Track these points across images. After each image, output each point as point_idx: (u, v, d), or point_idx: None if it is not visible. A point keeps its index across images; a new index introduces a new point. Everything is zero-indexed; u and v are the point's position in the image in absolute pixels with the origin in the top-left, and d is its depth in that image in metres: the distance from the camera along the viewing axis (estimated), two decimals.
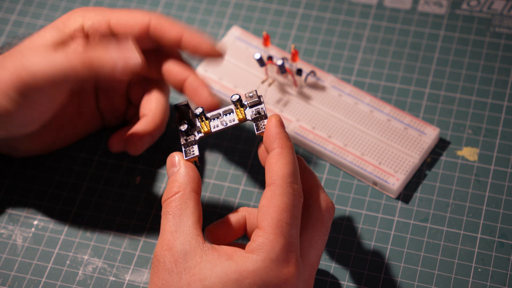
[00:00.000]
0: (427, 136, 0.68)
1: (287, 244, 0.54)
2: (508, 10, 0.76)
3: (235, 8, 0.79)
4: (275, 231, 0.54)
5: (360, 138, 0.68)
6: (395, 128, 0.69)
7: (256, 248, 0.54)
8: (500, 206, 0.66)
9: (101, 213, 0.68)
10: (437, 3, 0.77)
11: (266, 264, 0.53)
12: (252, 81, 0.72)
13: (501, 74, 0.72)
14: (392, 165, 0.67)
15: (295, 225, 0.55)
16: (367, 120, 0.69)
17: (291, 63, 0.71)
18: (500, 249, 0.64)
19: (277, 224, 0.54)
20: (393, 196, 0.67)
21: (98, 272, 0.66)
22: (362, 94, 0.70)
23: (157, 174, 0.70)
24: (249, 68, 0.73)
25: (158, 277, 0.54)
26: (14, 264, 0.66)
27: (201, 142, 0.71)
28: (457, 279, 0.63)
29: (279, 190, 0.55)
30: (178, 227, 0.55)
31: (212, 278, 0.53)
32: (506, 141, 0.69)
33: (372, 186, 0.67)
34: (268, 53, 0.72)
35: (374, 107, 0.70)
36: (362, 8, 0.77)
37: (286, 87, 0.71)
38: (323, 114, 0.70)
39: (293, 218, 0.54)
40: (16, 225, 0.68)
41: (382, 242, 0.65)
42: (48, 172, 0.71)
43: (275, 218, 0.54)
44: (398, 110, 0.69)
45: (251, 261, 0.53)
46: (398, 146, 0.68)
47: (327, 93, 0.71)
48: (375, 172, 0.67)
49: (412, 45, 0.75)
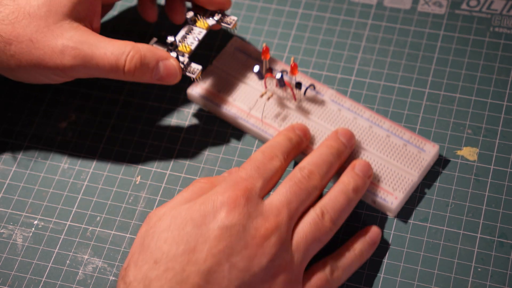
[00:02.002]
0: (426, 153, 0.67)
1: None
2: (508, 10, 0.76)
3: (235, 8, 0.79)
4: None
5: (359, 154, 0.67)
6: (394, 145, 0.68)
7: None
8: (499, 206, 0.66)
9: (101, 212, 0.68)
10: (437, 3, 0.77)
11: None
12: (251, 94, 0.71)
13: (501, 74, 0.72)
14: (391, 183, 0.66)
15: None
16: (366, 135, 0.68)
17: (290, 76, 0.70)
18: (500, 248, 0.64)
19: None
20: (391, 215, 0.66)
21: (98, 272, 0.66)
22: (361, 108, 0.69)
23: (157, 174, 0.70)
24: (248, 81, 0.72)
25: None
26: (14, 263, 0.66)
27: (202, 142, 0.71)
28: (457, 279, 0.63)
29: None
30: None
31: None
32: (505, 141, 0.69)
33: (371, 204, 0.67)
34: (268, 65, 0.71)
35: (373, 122, 0.69)
36: (362, 8, 0.77)
37: (285, 100, 0.71)
38: (321, 129, 0.69)
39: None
40: (16, 225, 0.68)
41: (382, 242, 0.65)
42: (48, 172, 0.71)
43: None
44: (397, 126, 0.68)
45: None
46: (397, 164, 0.67)
47: (326, 107, 0.70)
48: (373, 190, 0.66)
49: (412, 45, 0.75)
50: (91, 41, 0.66)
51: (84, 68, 0.66)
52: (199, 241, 0.58)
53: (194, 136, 0.72)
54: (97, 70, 0.66)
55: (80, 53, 0.65)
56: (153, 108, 0.73)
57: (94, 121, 0.73)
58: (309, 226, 0.61)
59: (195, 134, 0.72)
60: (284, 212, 0.60)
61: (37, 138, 0.73)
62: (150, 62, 0.67)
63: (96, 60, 0.66)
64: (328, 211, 0.62)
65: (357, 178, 0.64)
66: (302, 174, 0.62)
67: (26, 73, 0.67)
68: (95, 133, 0.72)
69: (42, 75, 0.67)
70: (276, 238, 0.59)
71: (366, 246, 0.64)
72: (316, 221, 0.61)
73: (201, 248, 0.57)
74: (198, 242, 0.58)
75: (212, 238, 0.58)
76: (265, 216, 0.60)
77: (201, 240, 0.58)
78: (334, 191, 0.63)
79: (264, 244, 0.59)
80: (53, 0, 0.66)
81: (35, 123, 0.73)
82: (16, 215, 0.69)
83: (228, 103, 0.71)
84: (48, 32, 0.66)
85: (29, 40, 0.65)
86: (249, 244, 0.58)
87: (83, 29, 0.66)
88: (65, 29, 0.66)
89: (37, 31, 0.65)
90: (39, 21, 0.66)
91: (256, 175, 0.61)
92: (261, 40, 0.76)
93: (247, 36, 0.77)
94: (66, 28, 0.66)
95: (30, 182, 0.70)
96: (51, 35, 0.66)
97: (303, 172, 0.63)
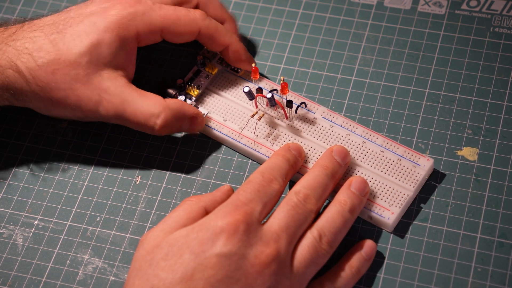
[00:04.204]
0: (421, 167, 0.66)
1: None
2: (508, 10, 0.76)
3: (235, 8, 0.79)
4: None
5: (353, 171, 0.67)
6: (388, 160, 0.67)
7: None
8: (500, 206, 0.66)
9: (102, 212, 0.68)
10: (437, 3, 0.77)
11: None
12: (242, 114, 0.71)
13: (501, 74, 0.72)
14: (387, 198, 0.66)
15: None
16: (360, 151, 0.68)
17: (281, 95, 0.69)
18: (500, 249, 0.64)
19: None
20: (388, 230, 0.66)
21: (98, 272, 0.66)
22: (354, 124, 0.69)
23: (157, 174, 0.70)
24: (238, 101, 0.72)
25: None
26: (14, 264, 0.66)
27: (202, 143, 0.71)
28: (457, 279, 0.63)
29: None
30: None
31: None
32: (505, 141, 0.69)
33: (367, 220, 0.66)
34: (257, 85, 0.71)
35: (366, 138, 0.68)
36: (362, 8, 0.77)
37: (276, 119, 0.70)
38: (315, 147, 0.68)
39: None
40: (16, 225, 0.68)
41: (382, 242, 0.65)
42: (48, 172, 0.71)
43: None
44: (390, 141, 0.68)
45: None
46: (392, 179, 0.66)
47: (318, 124, 0.69)
48: (369, 206, 0.65)
49: (412, 45, 0.75)
50: (126, 95, 0.67)
51: (115, 119, 0.68)
52: (197, 269, 0.57)
53: (194, 136, 0.72)
54: (127, 124, 0.68)
55: (113, 107, 0.67)
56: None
57: (94, 121, 0.73)
58: (308, 250, 0.60)
59: (195, 135, 0.72)
60: (283, 237, 0.59)
61: (37, 138, 0.73)
62: (178, 122, 0.68)
63: (127, 116, 0.67)
64: (325, 234, 0.61)
65: (353, 197, 0.64)
66: (298, 198, 0.62)
67: (59, 113, 0.69)
68: (95, 133, 0.72)
69: (75, 116, 0.69)
70: (276, 265, 0.58)
71: (363, 262, 0.63)
72: (314, 245, 0.61)
73: (199, 277, 0.56)
74: (196, 270, 0.57)
75: (210, 266, 0.57)
76: (265, 242, 0.58)
77: (199, 269, 0.57)
78: (330, 212, 0.63)
79: (264, 272, 0.58)
80: (94, 49, 0.67)
81: (35, 123, 0.73)
82: (16, 215, 0.69)
83: (219, 123, 0.71)
84: (88, 82, 0.67)
85: (69, 87, 0.66)
86: (248, 273, 0.57)
87: (120, 81, 0.67)
88: (103, 79, 0.67)
89: (77, 79, 0.66)
90: (79, 70, 0.66)
91: (256, 199, 0.60)
92: (261, 40, 0.76)
93: (247, 36, 0.77)
94: (105, 78, 0.67)
95: (30, 182, 0.70)
96: (90, 85, 0.67)
97: (299, 196, 0.62)
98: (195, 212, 0.61)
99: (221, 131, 0.70)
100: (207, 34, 0.70)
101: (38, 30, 0.68)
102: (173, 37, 0.70)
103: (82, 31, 0.67)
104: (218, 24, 0.71)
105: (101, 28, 0.67)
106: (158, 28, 0.68)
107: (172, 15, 0.69)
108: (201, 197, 0.63)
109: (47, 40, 0.67)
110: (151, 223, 0.67)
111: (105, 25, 0.67)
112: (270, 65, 0.75)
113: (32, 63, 0.67)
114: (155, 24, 0.68)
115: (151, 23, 0.68)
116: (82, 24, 0.68)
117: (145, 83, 0.73)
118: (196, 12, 0.70)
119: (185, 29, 0.69)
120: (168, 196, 0.69)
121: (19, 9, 0.80)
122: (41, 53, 0.67)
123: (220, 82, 0.73)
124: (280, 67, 0.75)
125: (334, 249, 0.62)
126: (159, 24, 0.68)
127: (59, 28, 0.68)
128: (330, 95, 0.73)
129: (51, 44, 0.67)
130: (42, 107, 0.69)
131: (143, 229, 0.67)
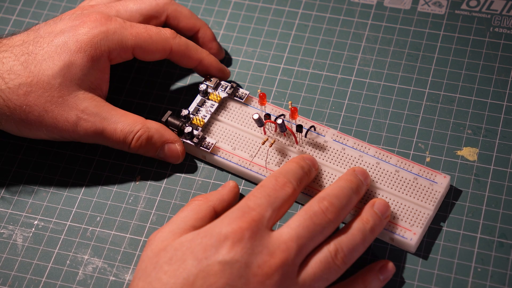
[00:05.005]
0: (438, 185, 0.65)
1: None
2: (508, 10, 0.76)
3: (235, 8, 0.79)
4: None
5: (370, 193, 0.66)
6: (405, 180, 0.66)
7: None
8: (499, 206, 0.66)
9: (102, 212, 0.68)
10: (437, 3, 0.77)
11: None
12: (251, 141, 0.69)
13: (501, 74, 0.72)
14: (407, 219, 0.64)
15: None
16: (375, 173, 0.66)
17: (290, 120, 0.68)
18: (500, 249, 0.64)
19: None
20: (411, 251, 0.64)
21: (98, 272, 0.66)
22: (365, 145, 0.67)
23: (157, 174, 0.70)
24: (245, 128, 0.70)
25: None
26: (14, 264, 0.66)
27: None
28: (457, 279, 0.63)
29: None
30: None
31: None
32: (505, 141, 0.69)
33: (389, 242, 0.65)
34: (265, 111, 0.70)
35: (380, 159, 0.66)
36: (362, 8, 0.77)
37: (286, 145, 0.68)
38: (328, 170, 0.67)
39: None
40: (16, 225, 0.68)
41: (382, 242, 0.65)
42: (48, 172, 0.71)
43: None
44: (405, 160, 0.66)
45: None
46: (410, 198, 0.65)
47: (329, 147, 0.68)
48: (391, 228, 0.64)
49: (412, 45, 0.75)
50: (104, 114, 0.67)
51: (94, 138, 0.68)
52: (199, 276, 0.56)
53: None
54: (106, 142, 0.68)
55: (92, 126, 0.67)
56: (154, 107, 0.73)
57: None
58: (320, 265, 0.59)
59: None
60: (293, 248, 0.58)
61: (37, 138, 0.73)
62: (156, 143, 0.68)
63: (106, 134, 0.67)
64: (342, 250, 0.59)
65: (376, 217, 0.62)
66: (321, 206, 0.60)
67: (33, 134, 0.69)
68: None
69: (50, 137, 0.69)
70: (280, 276, 0.57)
71: (378, 284, 0.62)
72: (328, 260, 0.59)
73: (200, 283, 0.56)
74: (198, 277, 0.56)
75: (212, 273, 0.56)
76: (271, 251, 0.57)
77: (201, 275, 0.56)
78: (352, 229, 0.61)
79: (266, 283, 0.57)
80: (67, 71, 0.66)
81: None
82: (16, 215, 0.69)
83: (228, 152, 0.69)
84: (63, 103, 0.66)
85: (43, 109, 0.66)
86: (250, 282, 0.56)
87: (97, 100, 0.67)
88: (79, 99, 0.67)
89: (51, 101, 0.66)
90: (53, 92, 0.66)
91: (265, 204, 0.59)
92: (261, 40, 0.76)
93: (247, 36, 0.77)
94: (81, 99, 0.67)
95: (30, 182, 0.70)
96: (66, 106, 0.66)
97: (322, 204, 0.60)
98: (203, 212, 0.61)
99: (231, 160, 0.69)
100: (179, 52, 0.70)
101: (7, 51, 0.67)
102: (145, 55, 0.69)
103: (54, 52, 0.67)
104: (188, 41, 0.71)
105: (72, 49, 0.67)
106: (130, 46, 0.68)
107: (144, 34, 0.68)
108: (208, 195, 0.62)
109: (17, 62, 0.66)
110: (151, 223, 0.67)
111: (76, 45, 0.67)
112: (270, 65, 0.75)
113: (3, 85, 0.66)
114: (126, 43, 0.68)
115: (123, 42, 0.68)
116: (52, 44, 0.67)
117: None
118: (167, 31, 0.70)
119: (157, 47, 0.69)
120: (168, 196, 0.69)
121: (18, 9, 0.80)
122: (11, 75, 0.66)
123: (225, 110, 0.71)
124: (280, 67, 0.75)
125: (348, 267, 0.60)
126: (131, 43, 0.68)
127: (29, 49, 0.67)
128: (330, 95, 0.73)
129: (22, 66, 0.66)
130: (14, 129, 0.68)
131: (143, 229, 0.67)
